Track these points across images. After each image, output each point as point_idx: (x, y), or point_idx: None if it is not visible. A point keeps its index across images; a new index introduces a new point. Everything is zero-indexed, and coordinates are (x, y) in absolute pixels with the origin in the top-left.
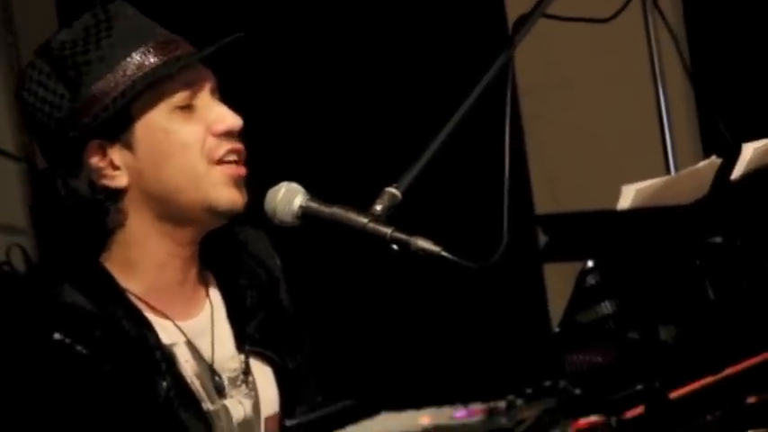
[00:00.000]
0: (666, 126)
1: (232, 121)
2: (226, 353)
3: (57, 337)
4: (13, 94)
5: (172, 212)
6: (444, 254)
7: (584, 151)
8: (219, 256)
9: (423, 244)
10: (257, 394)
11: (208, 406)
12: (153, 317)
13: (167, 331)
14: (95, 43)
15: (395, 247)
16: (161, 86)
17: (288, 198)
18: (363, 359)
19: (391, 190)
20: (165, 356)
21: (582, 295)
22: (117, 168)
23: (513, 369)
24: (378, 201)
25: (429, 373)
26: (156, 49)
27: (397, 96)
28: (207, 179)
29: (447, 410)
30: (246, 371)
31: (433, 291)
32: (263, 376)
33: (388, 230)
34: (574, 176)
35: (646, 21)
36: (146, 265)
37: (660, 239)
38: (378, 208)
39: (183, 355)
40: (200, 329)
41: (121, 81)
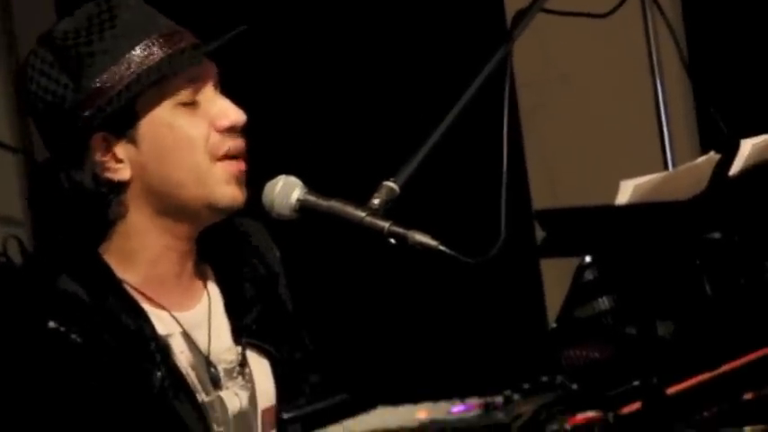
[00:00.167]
0: (664, 121)
1: (235, 116)
2: (222, 344)
3: (51, 325)
4: (12, 85)
5: (172, 207)
6: (442, 248)
7: (582, 146)
8: (218, 248)
9: (420, 238)
10: (254, 386)
11: (203, 397)
12: (149, 307)
13: (163, 322)
14: (99, 34)
15: (392, 241)
16: (166, 82)
17: (285, 191)
18: (361, 354)
19: (389, 184)
20: (160, 347)
21: (579, 290)
22: (120, 161)
23: (510, 364)
24: (375, 194)
25: (426, 367)
26: (161, 41)
27: (396, 90)
28: (209, 176)
29: (444, 405)
30: (243, 363)
31: (430, 285)
32: (259, 368)
33: (385, 224)
34: (572, 171)
35: (644, 16)
36: (143, 256)
37: (658, 235)
38: (375, 202)
39: (178, 345)
40: (196, 321)
41: (126, 75)
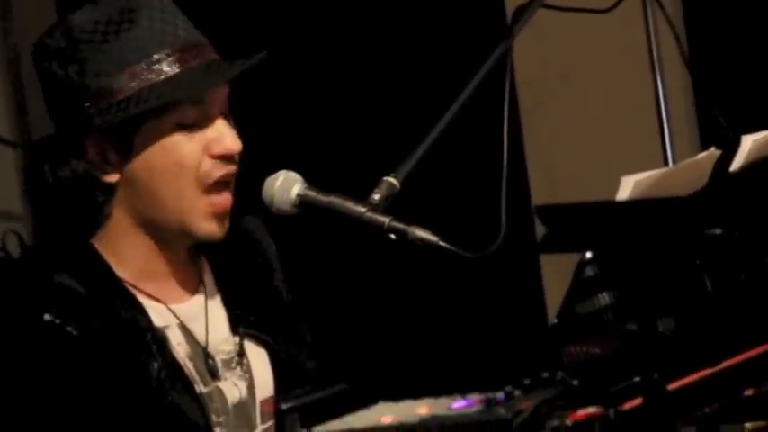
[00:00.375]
0: (665, 118)
1: (231, 144)
2: (220, 335)
3: (47, 317)
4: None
5: (151, 222)
6: (442, 243)
7: (582, 142)
8: (214, 242)
9: (420, 233)
10: (252, 376)
11: (201, 388)
12: (145, 300)
13: (160, 314)
14: (114, 34)
15: (392, 237)
16: (170, 104)
17: (286, 187)
18: (361, 349)
19: (389, 179)
20: (156, 338)
21: (580, 286)
22: (110, 164)
23: (511, 360)
24: (376, 190)
25: (427, 363)
26: (175, 56)
27: (396, 86)
28: (193, 207)
29: (445, 401)
30: (241, 353)
31: (430, 281)
32: (257, 359)
33: (385, 220)
34: (572, 168)
35: (645, 12)
36: (134, 254)
37: (659, 231)
38: (375, 197)
39: (175, 337)
40: (193, 313)
41: (130, 87)
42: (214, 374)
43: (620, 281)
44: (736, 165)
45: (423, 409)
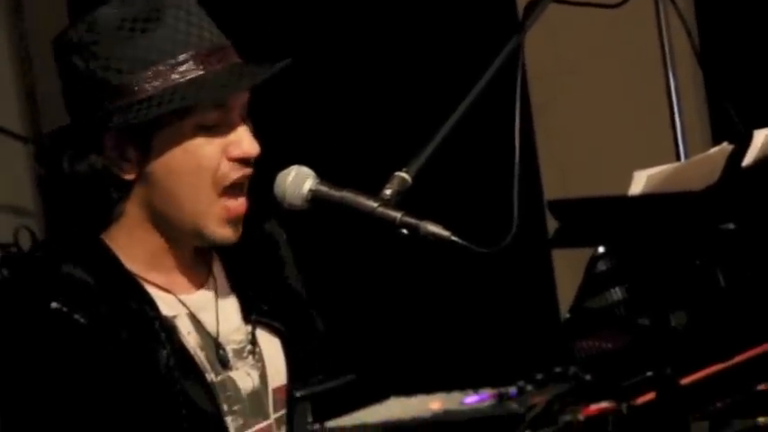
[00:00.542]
0: (677, 112)
1: (249, 147)
2: (231, 325)
3: (54, 305)
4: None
5: (165, 220)
6: (454, 238)
7: (594, 137)
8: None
9: (432, 228)
10: (264, 365)
11: (212, 377)
12: (153, 291)
13: (168, 304)
14: (141, 32)
15: (404, 232)
16: (192, 106)
17: (298, 182)
18: (373, 344)
19: (401, 174)
20: (165, 327)
21: (592, 281)
22: (128, 161)
23: (524, 355)
24: (387, 185)
25: (439, 358)
26: (199, 58)
27: (408, 81)
28: (208, 211)
29: (457, 395)
30: (253, 342)
31: (442, 276)
32: (270, 347)
33: (397, 215)
34: (584, 162)
35: (656, 7)
36: (144, 248)
37: (671, 226)
38: (387, 192)
39: (185, 327)
40: (202, 303)
41: (153, 86)
42: (225, 364)
43: (633, 276)
44: (748, 159)
45: (435, 404)
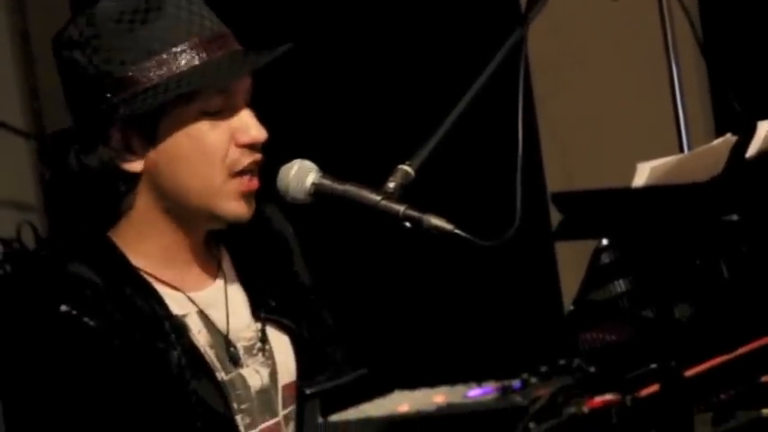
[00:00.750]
0: (680, 103)
1: (256, 133)
2: (241, 322)
3: (63, 309)
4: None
5: (177, 209)
6: (457, 231)
7: (597, 129)
8: (232, 228)
9: (435, 222)
10: (274, 362)
11: (222, 375)
12: (162, 289)
13: (178, 303)
14: (141, 23)
15: (407, 225)
16: (196, 92)
17: (300, 175)
18: (376, 337)
19: (404, 167)
20: (175, 326)
21: (596, 273)
22: (134, 153)
23: (527, 347)
24: (390, 178)
25: (442, 351)
26: (201, 46)
27: (411, 73)
28: (221, 190)
29: (461, 389)
30: (263, 339)
31: (446, 269)
32: (280, 344)
33: (400, 208)
34: (587, 154)
35: None
36: (153, 243)
37: (675, 217)
38: (390, 185)
39: (195, 325)
40: (212, 300)
41: (157, 75)
42: (236, 362)
43: (637, 268)
44: (752, 150)
45: (439, 397)
